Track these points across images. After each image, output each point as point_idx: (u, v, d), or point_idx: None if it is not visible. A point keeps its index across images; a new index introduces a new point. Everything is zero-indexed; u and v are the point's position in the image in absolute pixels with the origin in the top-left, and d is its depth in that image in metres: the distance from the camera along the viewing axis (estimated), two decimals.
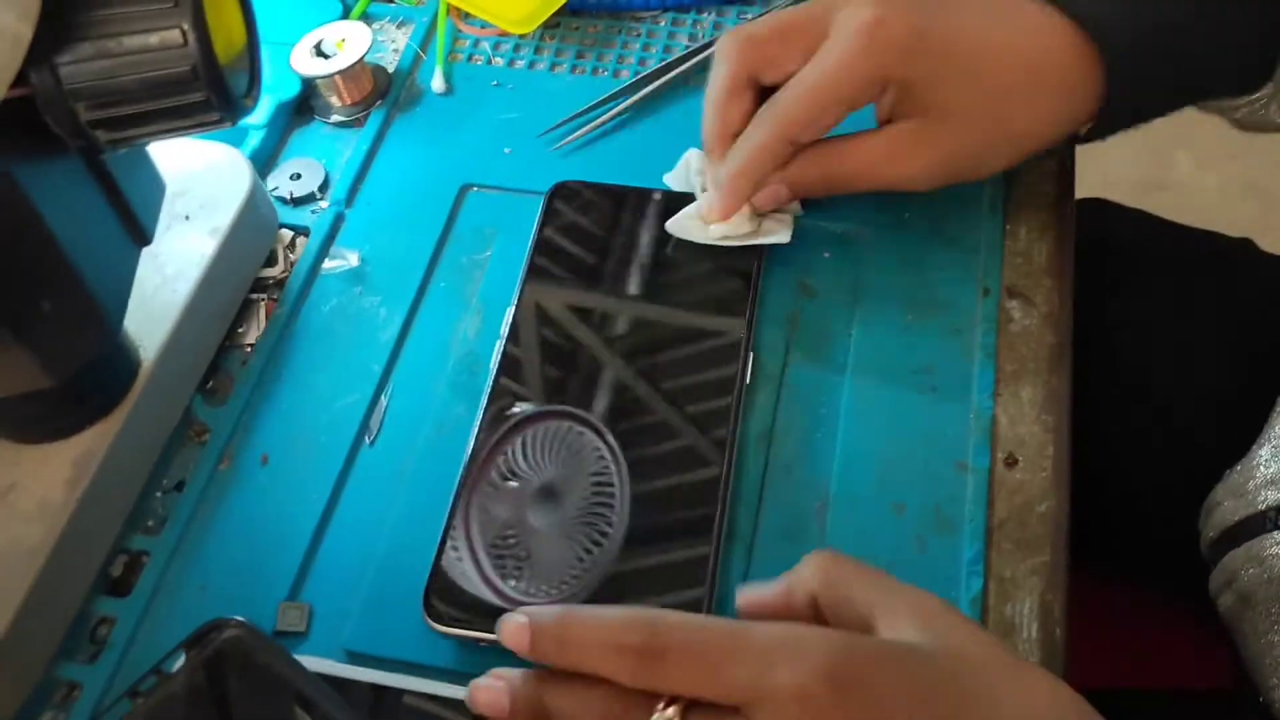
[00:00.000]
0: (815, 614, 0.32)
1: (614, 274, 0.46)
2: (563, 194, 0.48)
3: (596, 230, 0.47)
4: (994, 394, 0.43)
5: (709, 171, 0.45)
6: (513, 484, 0.40)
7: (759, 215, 0.45)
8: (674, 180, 0.48)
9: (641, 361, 0.43)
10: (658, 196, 0.48)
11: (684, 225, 0.45)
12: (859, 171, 0.43)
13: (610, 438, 0.41)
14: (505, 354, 0.43)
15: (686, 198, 0.46)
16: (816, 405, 0.43)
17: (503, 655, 0.37)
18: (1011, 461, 0.42)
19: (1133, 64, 0.42)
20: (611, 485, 0.40)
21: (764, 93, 0.43)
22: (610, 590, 0.38)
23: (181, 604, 0.40)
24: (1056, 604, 0.39)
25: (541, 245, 0.46)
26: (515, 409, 0.42)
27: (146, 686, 0.33)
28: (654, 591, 0.38)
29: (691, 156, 0.47)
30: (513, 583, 0.38)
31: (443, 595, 0.38)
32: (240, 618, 0.34)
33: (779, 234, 0.45)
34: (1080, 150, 0.49)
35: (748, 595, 0.34)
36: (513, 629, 0.32)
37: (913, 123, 0.42)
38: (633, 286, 0.45)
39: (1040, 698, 0.30)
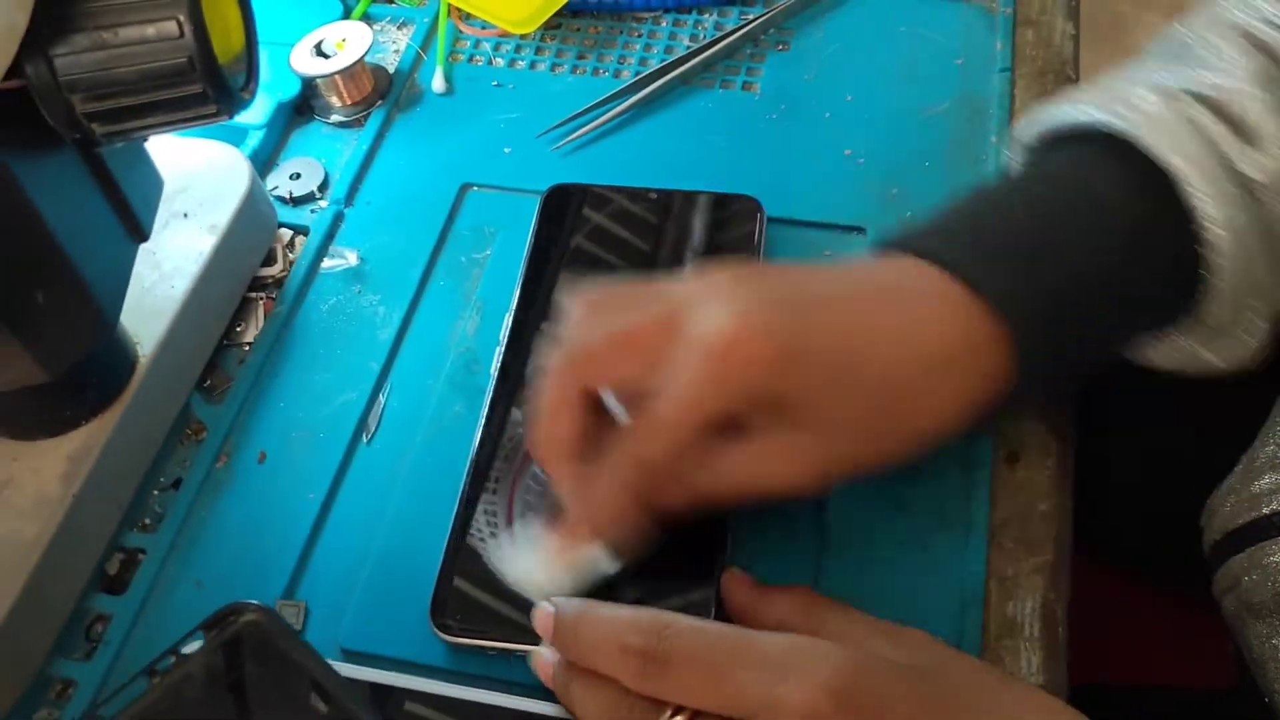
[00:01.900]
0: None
1: (612, 274, 0.45)
2: (558, 196, 0.48)
3: (594, 230, 0.47)
4: None
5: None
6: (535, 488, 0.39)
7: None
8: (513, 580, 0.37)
9: None
10: (654, 196, 0.47)
11: (523, 571, 0.37)
12: (729, 489, 0.35)
13: None
14: (505, 357, 0.43)
15: None
16: None
17: (505, 662, 0.37)
18: (1013, 460, 0.41)
19: (1046, 336, 0.36)
20: None
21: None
22: (623, 588, 0.37)
23: (177, 601, 0.39)
24: (1059, 603, 0.38)
25: (539, 246, 0.46)
26: (516, 425, 0.41)
27: (164, 666, 0.33)
28: (663, 592, 0.37)
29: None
30: (515, 605, 0.37)
31: (450, 606, 0.37)
32: (258, 603, 0.34)
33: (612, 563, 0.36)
34: None
35: (731, 586, 0.35)
36: (541, 617, 0.33)
37: (783, 432, 0.35)
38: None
39: (1039, 712, 0.30)
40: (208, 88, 0.33)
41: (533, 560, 0.36)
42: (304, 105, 0.53)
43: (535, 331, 0.44)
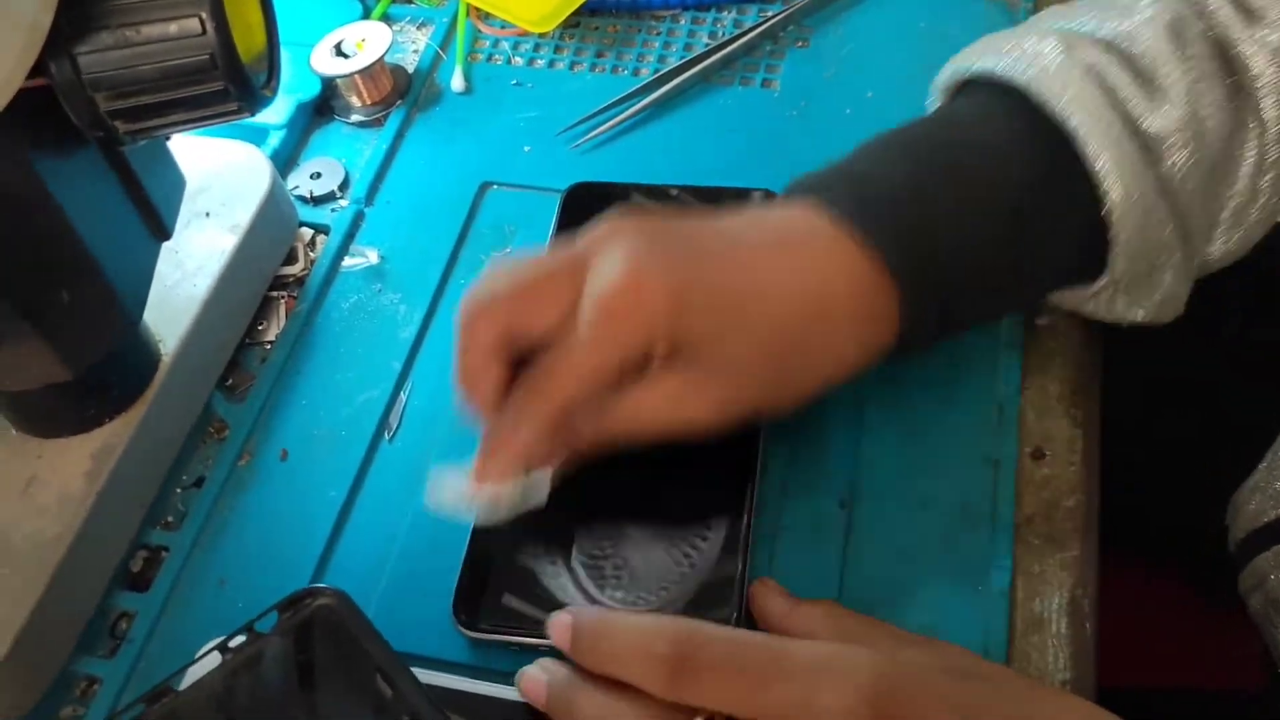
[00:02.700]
0: None
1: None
2: (579, 194, 0.48)
3: None
4: (1020, 387, 0.42)
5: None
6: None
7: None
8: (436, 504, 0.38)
9: None
10: (674, 193, 0.47)
11: (445, 500, 0.37)
12: (637, 424, 0.36)
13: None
14: None
15: None
16: (839, 400, 0.42)
17: (527, 657, 0.36)
18: (1039, 455, 0.41)
19: (931, 286, 0.37)
20: (654, 486, 0.39)
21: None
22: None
23: (201, 599, 0.39)
24: (1086, 599, 0.38)
25: (559, 244, 0.46)
26: None
27: (236, 643, 0.33)
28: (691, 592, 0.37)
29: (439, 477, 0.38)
30: (556, 583, 0.37)
31: (472, 601, 0.37)
32: (335, 588, 0.34)
33: (538, 496, 0.37)
34: None
35: (761, 595, 0.35)
36: (558, 627, 0.33)
37: (684, 371, 0.36)
38: None
39: (1073, 716, 0.30)
40: (229, 85, 0.33)
41: (457, 493, 0.37)
42: (324, 105, 0.54)
43: None
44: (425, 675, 0.35)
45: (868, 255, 0.36)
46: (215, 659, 0.33)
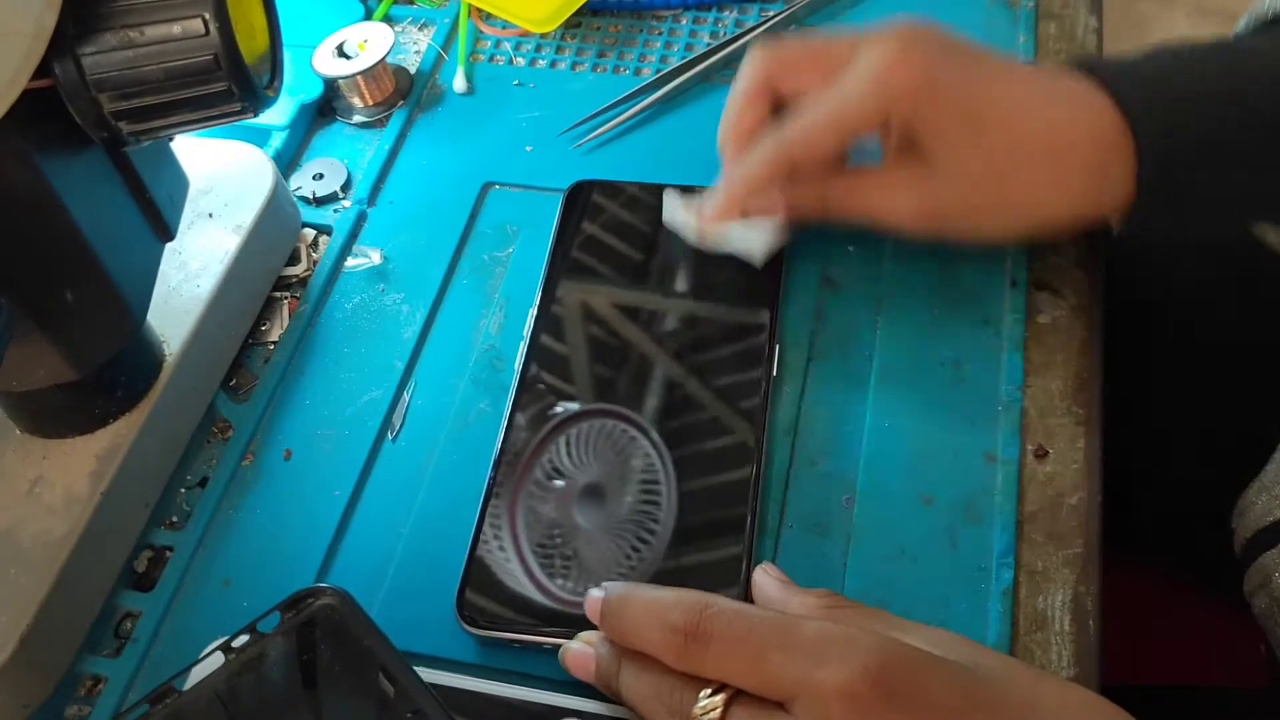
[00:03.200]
0: None
1: (635, 271, 0.45)
2: (583, 191, 0.48)
3: (616, 226, 0.47)
4: (1023, 386, 0.42)
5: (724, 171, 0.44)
6: (558, 482, 0.39)
7: (749, 224, 0.44)
8: (668, 221, 0.46)
9: (665, 358, 0.43)
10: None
11: (677, 220, 0.45)
12: (851, 201, 0.42)
13: (654, 434, 0.40)
14: (529, 353, 0.43)
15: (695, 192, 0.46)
16: (842, 398, 0.42)
17: (532, 656, 0.37)
18: (1041, 453, 0.41)
19: (1172, 158, 0.38)
20: (657, 483, 0.39)
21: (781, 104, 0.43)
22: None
23: (205, 599, 0.40)
24: (1089, 597, 0.38)
25: (562, 242, 0.46)
26: (557, 408, 0.41)
27: (239, 643, 0.33)
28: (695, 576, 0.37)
29: (669, 196, 0.46)
30: (560, 581, 0.37)
31: (476, 598, 0.37)
32: (337, 587, 0.34)
33: (755, 248, 0.44)
34: None
35: (761, 580, 0.36)
36: (590, 601, 0.34)
37: (910, 166, 0.41)
38: (655, 283, 0.45)
39: (1078, 705, 0.30)
40: (233, 85, 0.33)
41: (684, 217, 0.44)
42: (326, 106, 0.54)
43: (559, 328, 0.44)
44: (429, 674, 0.36)
45: (1115, 115, 0.38)
46: (218, 659, 0.33)
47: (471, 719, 0.35)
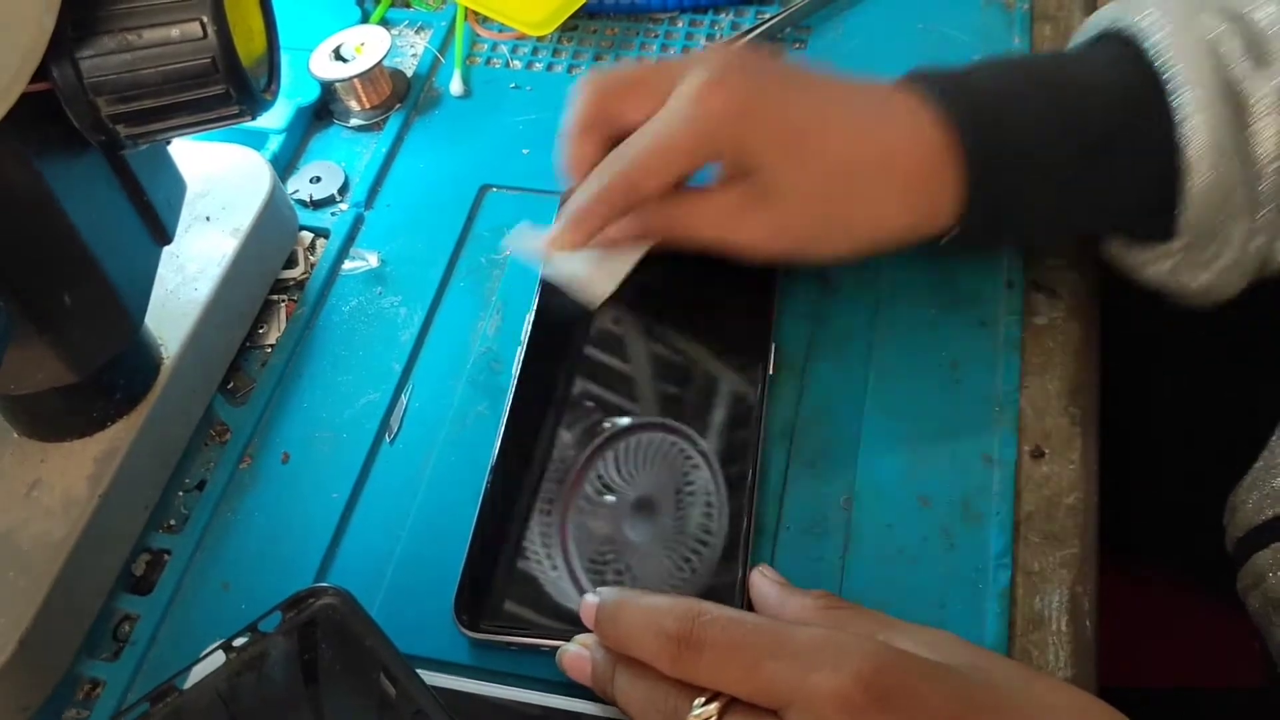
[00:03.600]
0: None
1: (632, 271, 0.45)
2: None
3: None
4: (1019, 386, 0.42)
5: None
6: (564, 485, 0.39)
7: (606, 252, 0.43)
8: (514, 249, 0.45)
9: (665, 357, 0.43)
10: None
11: (523, 248, 0.44)
12: (698, 227, 0.41)
13: (699, 440, 0.40)
14: (527, 357, 0.43)
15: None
16: (840, 399, 0.43)
17: (529, 658, 0.37)
18: (1038, 454, 0.41)
19: (997, 174, 0.39)
20: (633, 492, 0.40)
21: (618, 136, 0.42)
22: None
23: (203, 602, 0.40)
24: (1086, 597, 0.38)
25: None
26: (537, 422, 0.41)
27: (240, 643, 0.33)
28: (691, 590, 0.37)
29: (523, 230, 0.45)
30: (555, 584, 0.37)
31: (473, 600, 0.37)
32: (338, 587, 0.34)
33: (601, 285, 0.42)
34: None
35: (758, 582, 0.36)
36: (585, 607, 0.34)
37: (744, 189, 0.40)
38: (651, 284, 0.45)
39: (1073, 707, 0.30)
40: (231, 88, 0.33)
41: (533, 246, 0.43)
42: (323, 110, 0.54)
43: (556, 332, 0.44)
44: (427, 676, 0.36)
45: (941, 127, 0.39)
46: (219, 658, 0.33)
47: None
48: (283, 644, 0.33)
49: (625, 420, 0.41)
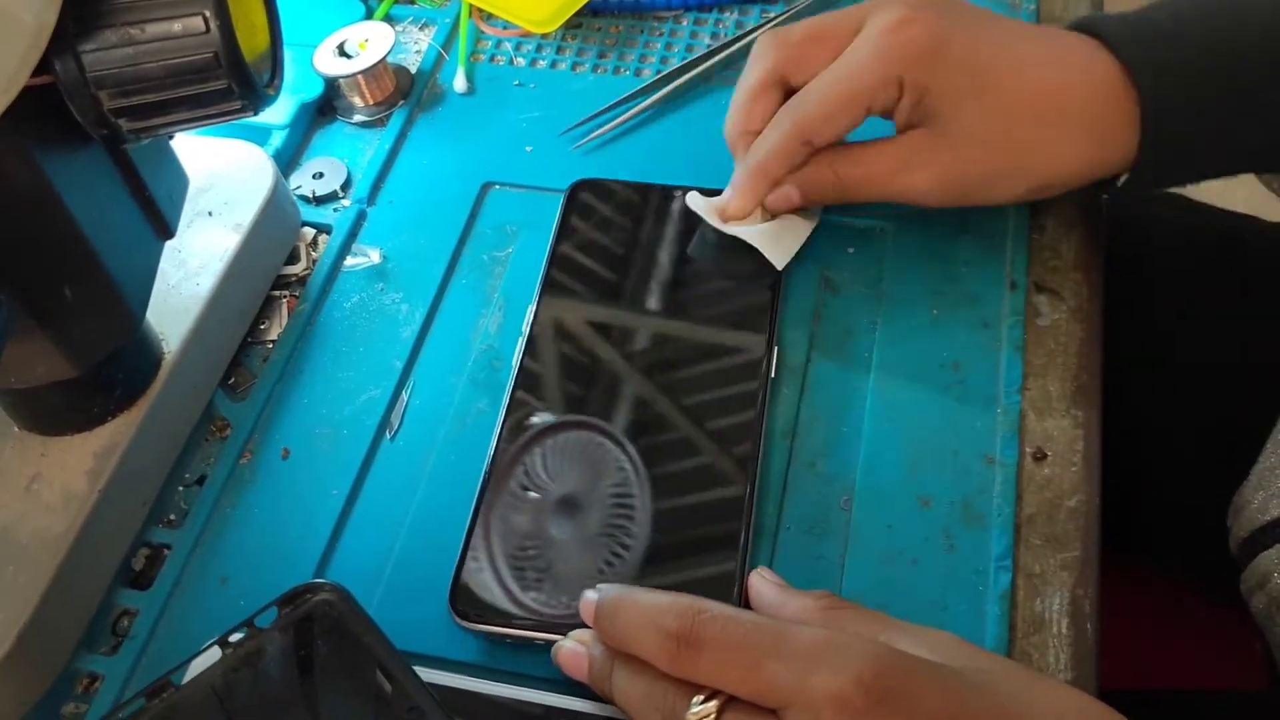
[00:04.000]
0: None
1: (635, 269, 0.45)
2: (583, 191, 0.48)
3: (616, 226, 0.47)
4: (1021, 388, 0.42)
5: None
6: (533, 494, 0.39)
7: (772, 218, 0.44)
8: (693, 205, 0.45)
9: (666, 356, 0.43)
10: (678, 193, 0.47)
11: (702, 207, 0.44)
12: (869, 177, 0.42)
13: (705, 440, 0.40)
14: (527, 353, 0.43)
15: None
16: (841, 400, 0.42)
17: (528, 656, 0.37)
18: (1040, 456, 0.41)
19: (1174, 119, 0.39)
20: (631, 491, 0.39)
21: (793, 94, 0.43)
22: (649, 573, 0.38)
23: (202, 597, 0.39)
24: (1087, 599, 0.38)
25: (562, 242, 0.46)
26: (534, 418, 0.41)
27: (237, 638, 0.33)
28: (688, 571, 0.37)
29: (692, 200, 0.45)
30: (533, 594, 0.37)
31: (468, 592, 0.37)
32: (335, 583, 0.34)
33: (776, 249, 0.43)
34: None
35: (757, 584, 0.36)
36: (584, 603, 0.34)
37: (924, 132, 0.41)
38: (655, 282, 0.45)
39: (1072, 708, 0.30)
40: (233, 83, 0.33)
41: (707, 207, 0.44)
42: (327, 105, 0.54)
43: (557, 329, 0.44)
44: (425, 673, 0.36)
45: (1118, 69, 0.39)
46: (215, 654, 0.33)
47: (466, 718, 0.35)
48: (279, 640, 0.33)
49: (629, 420, 0.41)
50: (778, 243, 0.43)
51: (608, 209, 0.47)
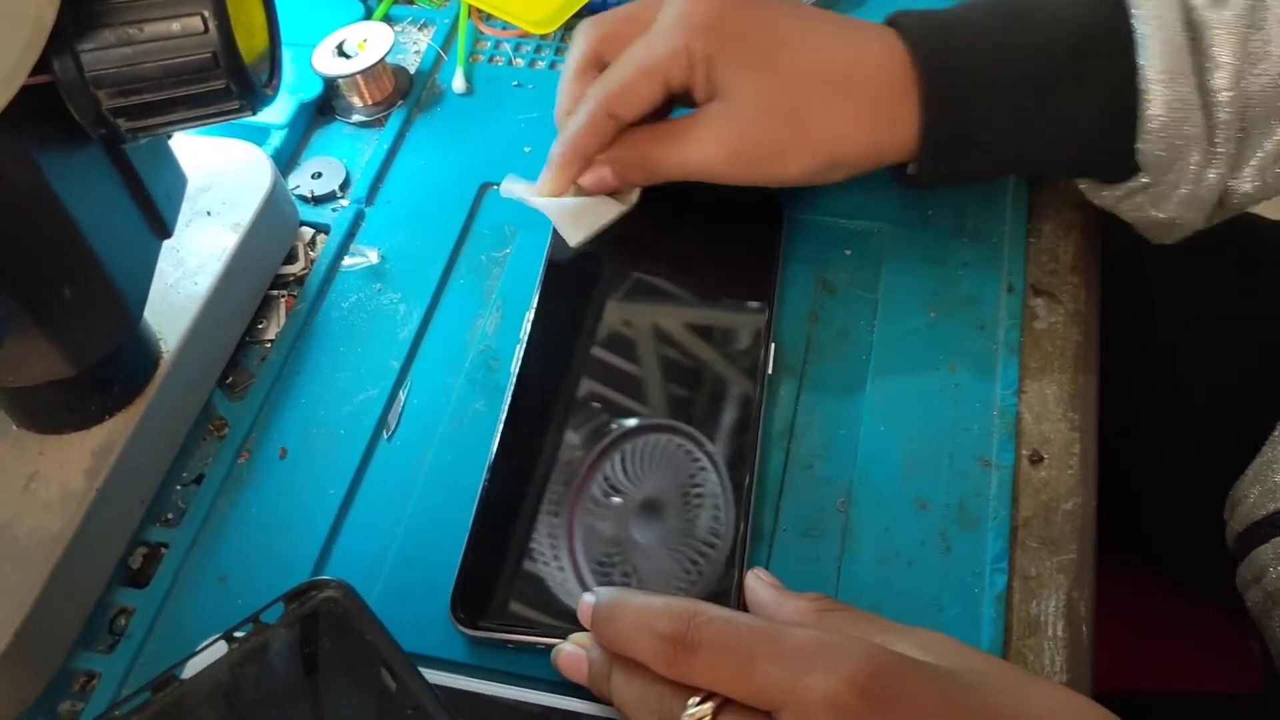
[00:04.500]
0: None
1: (631, 273, 0.45)
2: None
3: (613, 230, 0.47)
4: (1018, 391, 0.42)
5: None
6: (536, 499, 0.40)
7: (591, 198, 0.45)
8: (507, 191, 0.47)
9: (660, 358, 0.43)
10: (674, 194, 0.47)
11: (518, 191, 0.46)
12: (666, 153, 0.43)
13: (703, 440, 0.40)
14: (525, 355, 0.43)
15: None
16: (838, 401, 0.42)
17: (526, 656, 0.37)
18: (1037, 459, 0.41)
19: (955, 107, 0.40)
20: (711, 490, 0.39)
21: None
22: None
23: (200, 596, 0.40)
24: (1083, 602, 0.38)
25: (559, 245, 0.46)
26: (582, 414, 0.41)
27: (242, 633, 0.33)
28: (685, 591, 0.37)
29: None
30: (534, 600, 0.37)
31: (469, 598, 0.37)
32: (340, 580, 0.34)
33: (576, 233, 0.45)
34: None
35: (753, 585, 0.36)
36: (582, 606, 0.34)
37: (715, 105, 0.42)
38: (651, 284, 0.45)
39: (1066, 708, 0.30)
40: (231, 83, 0.33)
41: (523, 189, 0.45)
42: (325, 105, 0.54)
43: (555, 330, 0.44)
44: (424, 674, 0.36)
45: (901, 52, 0.41)
46: (221, 648, 0.33)
47: (463, 718, 0.35)
48: (284, 636, 0.33)
49: (632, 421, 0.41)
50: (578, 220, 0.44)
51: None
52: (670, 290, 0.45)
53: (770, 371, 0.42)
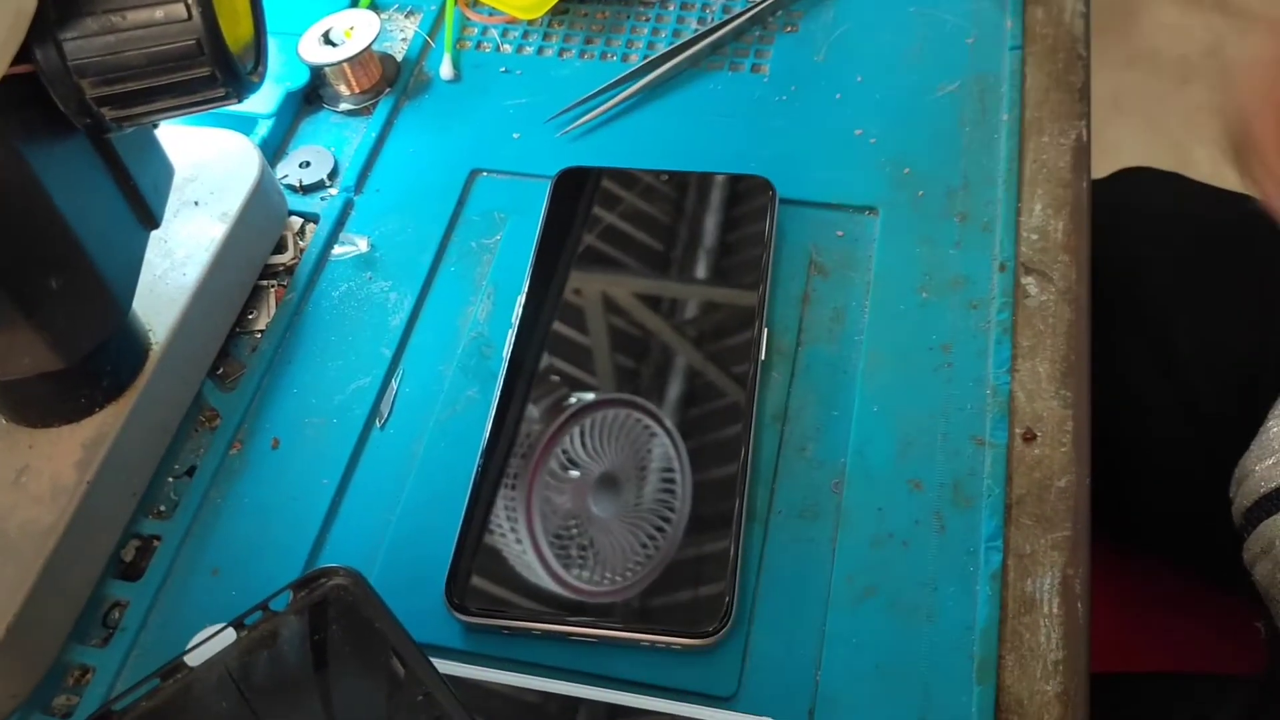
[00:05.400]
0: None
1: (623, 255, 0.45)
2: (569, 179, 0.48)
3: (604, 214, 0.47)
4: (1011, 369, 0.42)
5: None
6: (571, 471, 0.39)
7: None
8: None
9: (652, 344, 0.43)
10: (665, 178, 0.47)
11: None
12: None
13: (667, 420, 0.40)
14: (516, 341, 0.43)
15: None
16: (831, 383, 0.42)
17: (520, 642, 0.37)
18: (1030, 437, 0.41)
19: None
20: (672, 471, 0.39)
21: None
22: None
23: (193, 588, 0.39)
24: (1078, 579, 0.38)
25: (549, 230, 0.46)
26: (572, 399, 0.41)
27: (251, 620, 0.33)
28: (683, 574, 0.37)
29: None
30: (530, 586, 0.37)
31: (464, 584, 0.37)
32: (349, 568, 0.34)
33: None
34: (1095, 150, 0.49)
35: None
36: None
37: None
38: (642, 269, 0.45)
39: None
40: (216, 70, 0.33)
41: None
42: (313, 94, 0.53)
43: (547, 315, 0.44)
44: None
45: None
46: (230, 635, 0.33)
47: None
48: (293, 623, 0.33)
49: (590, 396, 0.41)
50: None
51: (596, 195, 0.47)
52: (662, 274, 0.45)
53: (763, 358, 0.42)
